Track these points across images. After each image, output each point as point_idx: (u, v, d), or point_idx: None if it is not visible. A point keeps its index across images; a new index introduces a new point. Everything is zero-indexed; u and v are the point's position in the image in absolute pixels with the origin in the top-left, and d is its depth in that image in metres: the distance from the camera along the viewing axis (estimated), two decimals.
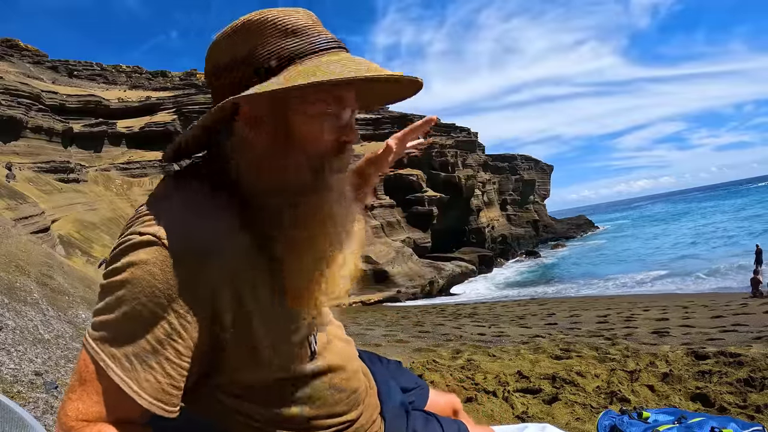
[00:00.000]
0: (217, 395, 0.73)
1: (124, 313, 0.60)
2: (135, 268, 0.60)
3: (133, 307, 0.59)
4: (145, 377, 0.60)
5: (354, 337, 1.01)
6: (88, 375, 0.60)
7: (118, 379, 0.59)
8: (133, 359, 0.60)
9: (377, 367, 1.05)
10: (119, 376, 0.59)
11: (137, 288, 0.59)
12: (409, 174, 39.62)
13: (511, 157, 62.02)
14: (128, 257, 0.61)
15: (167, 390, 0.61)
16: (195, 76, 50.81)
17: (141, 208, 0.67)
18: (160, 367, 0.61)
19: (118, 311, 0.60)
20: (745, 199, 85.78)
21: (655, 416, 1.72)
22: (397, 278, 27.38)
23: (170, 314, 0.61)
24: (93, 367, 0.60)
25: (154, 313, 0.60)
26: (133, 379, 0.59)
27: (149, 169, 29.96)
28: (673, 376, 3.15)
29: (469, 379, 3.59)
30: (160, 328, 0.60)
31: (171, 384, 0.62)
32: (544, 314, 9.91)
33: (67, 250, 15.18)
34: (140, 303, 0.59)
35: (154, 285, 0.60)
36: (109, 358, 0.59)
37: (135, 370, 0.60)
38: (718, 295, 13.63)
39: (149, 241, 0.61)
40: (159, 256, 0.60)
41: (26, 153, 24.38)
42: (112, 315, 0.60)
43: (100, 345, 0.60)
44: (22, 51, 43.82)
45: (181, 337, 0.62)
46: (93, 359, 0.60)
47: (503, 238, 47.05)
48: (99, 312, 0.61)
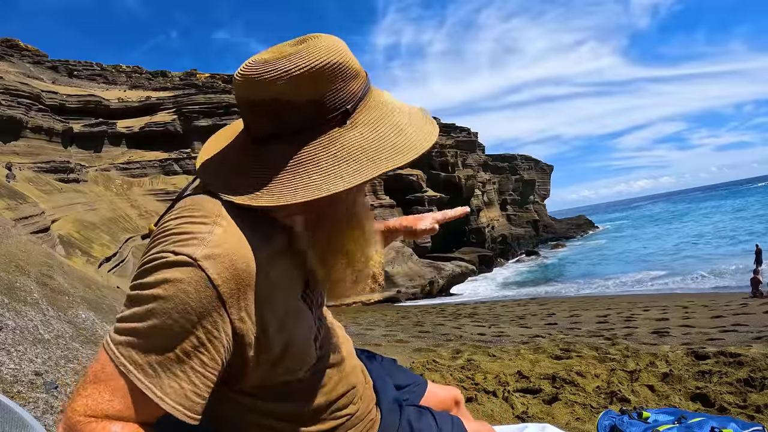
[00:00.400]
0: (229, 394, 0.75)
1: (152, 325, 0.60)
2: (169, 285, 0.60)
3: (163, 321, 0.60)
4: (168, 384, 0.60)
5: (354, 337, 1.03)
6: (103, 376, 0.60)
7: (141, 384, 0.59)
8: (156, 367, 0.60)
9: (372, 364, 1.10)
10: (142, 381, 0.59)
11: (169, 304, 0.60)
12: (409, 174, 39.61)
13: (511, 157, 62.01)
14: (162, 274, 0.61)
15: (190, 397, 0.62)
16: (195, 76, 50.80)
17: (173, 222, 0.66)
18: (185, 375, 0.61)
19: (147, 322, 0.60)
20: (746, 199, 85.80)
21: (655, 416, 1.72)
22: (397, 278, 27.37)
23: (199, 330, 0.62)
24: (111, 369, 0.60)
25: (183, 328, 0.61)
26: (156, 385, 0.60)
27: (149, 169, 29.95)
28: (673, 376, 3.15)
29: (469, 379, 3.59)
30: (188, 342, 0.61)
31: (195, 392, 0.62)
32: (544, 314, 9.91)
33: (67, 250, 15.19)
34: (171, 318, 0.60)
35: (187, 303, 0.60)
36: (131, 363, 0.59)
37: (158, 377, 0.60)
38: (718, 295, 13.63)
39: (186, 262, 0.61)
40: (194, 278, 0.61)
41: (26, 153, 24.37)
42: (140, 324, 0.60)
43: (122, 350, 0.60)
44: (22, 51, 43.80)
45: (208, 351, 0.63)
46: (113, 362, 0.60)
47: (503, 238, 47.04)
48: (125, 320, 0.61)
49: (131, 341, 0.60)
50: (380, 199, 36.78)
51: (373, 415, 0.94)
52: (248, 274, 0.65)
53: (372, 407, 0.94)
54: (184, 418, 0.61)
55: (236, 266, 0.64)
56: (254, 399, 0.76)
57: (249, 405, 0.77)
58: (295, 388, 0.78)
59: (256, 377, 0.73)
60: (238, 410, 0.77)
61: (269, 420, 0.78)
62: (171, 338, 0.60)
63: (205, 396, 0.64)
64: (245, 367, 0.70)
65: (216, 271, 0.62)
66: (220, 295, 0.62)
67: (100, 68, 48.50)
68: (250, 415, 0.77)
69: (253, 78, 0.67)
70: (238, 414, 0.78)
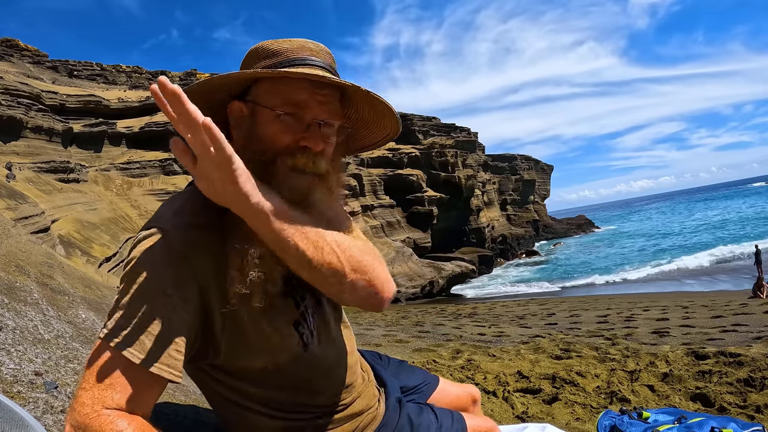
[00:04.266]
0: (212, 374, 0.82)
1: (132, 296, 0.67)
2: (142, 254, 0.69)
3: (139, 288, 0.67)
4: (151, 348, 0.66)
5: (354, 337, 1.03)
6: (98, 359, 0.64)
7: (127, 353, 0.64)
8: (139, 334, 0.66)
9: (379, 365, 1.13)
10: (128, 350, 0.64)
11: (142, 268, 0.68)
12: (409, 174, 39.60)
13: (511, 157, 61.99)
14: (138, 247, 0.71)
15: (173, 355, 0.68)
16: (195, 76, 50.76)
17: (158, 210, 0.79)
18: (164, 336, 0.67)
19: (127, 295, 0.67)
20: (746, 198, 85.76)
21: (655, 416, 1.72)
22: (397, 278, 27.36)
23: (170, 291, 0.69)
24: (102, 349, 0.65)
25: (157, 289, 0.68)
26: (141, 350, 0.65)
27: (149, 169, 29.93)
28: (673, 376, 3.15)
29: (469, 379, 3.59)
30: (163, 304, 0.68)
31: (175, 350, 0.68)
32: (544, 314, 9.90)
33: (67, 250, 15.18)
34: (145, 280, 0.67)
35: (157, 265, 0.69)
36: (117, 336, 0.65)
37: (141, 343, 0.65)
38: (718, 295, 13.63)
39: (153, 232, 0.71)
40: (163, 243, 0.70)
41: (26, 153, 24.35)
42: (122, 299, 0.68)
43: (108, 325, 0.67)
44: (22, 51, 43.78)
45: (183, 309, 0.70)
46: (102, 340, 0.66)
47: (503, 238, 47.04)
48: (114, 301, 0.69)
49: (115, 316, 0.66)
50: (380, 199, 36.77)
51: (374, 411, 0.95)
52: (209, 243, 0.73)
53: (373, 404, 0.96)
54: (169, 376, 0.66)
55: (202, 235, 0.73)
56: (240, 382, 0.81)
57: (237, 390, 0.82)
58: (283, 374, 0.82)
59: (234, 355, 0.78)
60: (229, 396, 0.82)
61: (257, 405, 0.83)
62: (147, 304, 0.67)
63: (183, 351, 0.69)
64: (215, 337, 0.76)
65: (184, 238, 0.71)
66: (186, 257, 0.71)
67: (100, 68, 48.49)
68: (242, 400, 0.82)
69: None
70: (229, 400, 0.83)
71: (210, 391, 0.85)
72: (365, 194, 36.21)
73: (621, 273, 26.96)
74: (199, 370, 0.83)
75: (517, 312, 11.03)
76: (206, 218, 0.75)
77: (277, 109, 0.77)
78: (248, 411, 0.83)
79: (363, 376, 0.98)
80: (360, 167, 37.82)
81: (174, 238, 0.71)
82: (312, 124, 0.79)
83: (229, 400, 0.83)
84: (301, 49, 0.83)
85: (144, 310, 0.66)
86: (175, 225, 0.73)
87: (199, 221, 0.74)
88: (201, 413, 1.08)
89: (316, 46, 0.85)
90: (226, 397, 0.83)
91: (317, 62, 0.82)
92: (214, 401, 0.86)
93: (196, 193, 0.74)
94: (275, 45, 0.83)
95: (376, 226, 33.85)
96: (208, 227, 0.74)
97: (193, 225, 0.74)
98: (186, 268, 0.70)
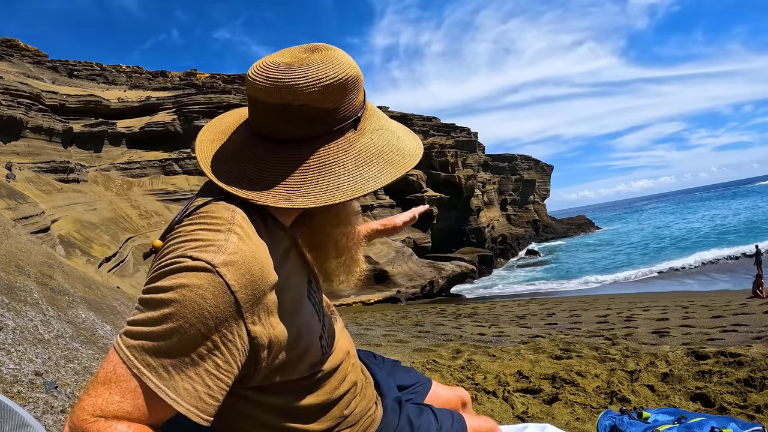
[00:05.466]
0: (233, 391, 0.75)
1: (168, 329, 0.60)
2: (186, 290, 0.61)
3: (179, 325, 0.60)
4: (182, 386, 0.61)
5: (354, 337, 1.03)
6: (114, 378, 0.60)
7: (155, 387, 0.59)
8: (171, 369, 0.61)
9: (375, 365, 1.13)
10: (155, 383, 0.60)
11: (186, 309, 0.60)
12: (409, 174, 39.53)
13: (511, 157, 61.98)
14: (179, 279, 0.62)
15: (204, 399, 0.62)
16: (195, 76, 50.77)
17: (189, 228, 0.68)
18: (199, 378, 0.62)
19: (162, 326, 0.60)
20: (746, 198, 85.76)
21: (655, 416, 1.72)
22: (397, 278, 27.34)
23: (215, 335, 0.62)
24: (122, 371, 0.60)
25: (199, 333, 0.61)
26: (170, 387, 0.60)
27: (149, 169, 29.91)
28: (673, 376, 3.15)
29: (469, 379, 3.59)
30: (204, 346, 0.62)
31: (208, 394, 0.63)
32: (544, 314, 9.90)
33: (67, 250, 15.17)
34: (187, 322, 0.60)
35: (204, 308, 0.61)
36: (145, 366, 0.60)
37: (172, 379, 0.60)
38: (718, 295, 13.63)
39: (204, 268, 0.62)
40: (213, 283, 0.62)
41: (26, 153, 24.35)
42: (155, 328, 0.61)
43: (135, 353, 0.60)
44: (22, 51, 43.80)
45: (223, 354, 0.63)
46: (125, 365, 0.60)
47: (503, 238, 47.04)
48: (138, 323, 0.62)
49: (145, 344, 0.60)
50: (380, 199, 36.77)
51: (373, 413, 0.95)
52: (263, 280, 0.67)
53: (372, 405, 0.96)
54: (197, 419, 0.62)
55: (252, 272, 0.65)
56: (258, 395, 0.77)
57: (254, 401, 0.78)
58: (300, 385, 0.80)
59: (264, 376, 0.74)
60: (242, 407, 0.78)
61: (270, 415, 0.79)
62: (186, 342, 0.61)
63: (219, 398, 0.64)
64: (257, 368, 0.71)
65: (234, 278, 0.63)
66: (237, 301, 0.63)
67: (100, 68, 48.50)
68: (254, 410, 0.78)
69: (284, 83, 0.69)
70: (241, 411, 0.79)
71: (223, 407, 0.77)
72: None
73: (621, 273, 26.96)
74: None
75: (517, 312, 11.03)
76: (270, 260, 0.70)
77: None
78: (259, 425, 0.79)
79: (363, 377, 0.99)
80: None
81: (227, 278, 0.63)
82: None
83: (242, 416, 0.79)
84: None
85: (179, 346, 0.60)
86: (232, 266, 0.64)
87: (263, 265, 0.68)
88: None
89: None
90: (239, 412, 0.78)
91: None
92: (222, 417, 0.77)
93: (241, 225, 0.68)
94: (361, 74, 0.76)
95: None
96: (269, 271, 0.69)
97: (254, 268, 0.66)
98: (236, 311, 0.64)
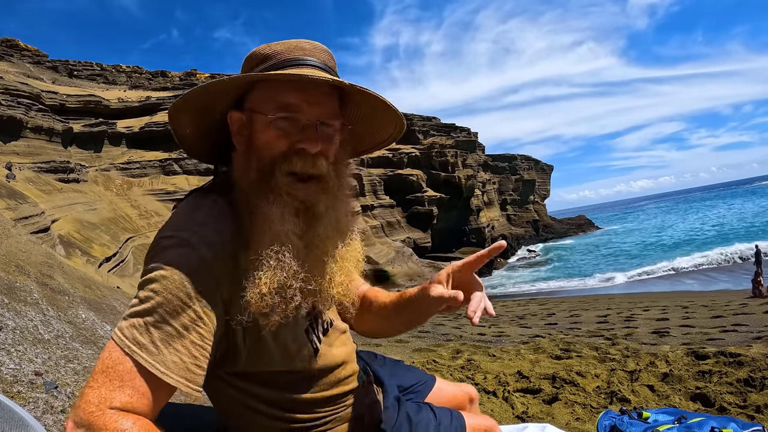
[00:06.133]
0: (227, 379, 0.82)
1: (153, 305, 0.66)
2: (167, 265, 0.68)
3: (164, 298, 0.66)
4: (171, 359, 0.65)
5: (354, 336, 1.04)
6: (110, 362, 0.64)
7: (145, 362, 0.64)
8: (159, 344, 0.65)
9: (376, 365, 1.14)
10: (146, 359, 0.64)
11: (168, 282, 0.67)
12: (409, 174, 39.62)
13: (511, 157, 62.00)
14: (161, 256, 0.69)
15: (192, 369, 0.67)
16: (195, 76, 50.77)
17: (172, 214, 0.78)
18: (185, 349, 0.67)
19: (148, 303, 0.66)
20: (746, 198, 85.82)
21: (655, 416, 1.72)
22: (397, 278, 27.36)
23: (195, 304, 0.68)
24: (117, 354, 0.64)
25: (182, 302, 0.67)
26: (160, 361, 0.65)
27: (149, 169, 29.93)
28: (673, 376, 3.15)
29: (469, 379, 3.59)
30: (186, 316, 0.67)
31: (195, 364, 0.68)
32: (544, 314, 9.90)
33: (67, 250, 15.18)
34: (170, 293, 0.66)
35: (182, 278, 0.67)
36: (135, 344, 0.64)
37: (161, 354, 0.65)
38: (718, 294, 13.62)
39: (181, 244, 0.70)
40: (190, 256, 0.69)
41: (26, 153, 24.35)
42: (144, 306, 0.67)
43: (126, 332, 0.65)
44: (22, 51, 43.82)
45: (204, 323, 0.69)
46: (118, 346, 0.65)
47: (503, 238, 47.07)
48: (132, 306, 0.68)
49: (134, 323, 0.66)
50: (380, 199, 36.79)
51: (375, 415, 0.96)
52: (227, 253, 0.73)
53: (372, 406, 0.97)
54: (187, 389, 0.66)
55: (227, 248, 0.72)
56: (254, 385, 0.82)
57: (247, 391, 0.82)
58: (294, 378, 0.84)
59: (247, 362, 0.79)
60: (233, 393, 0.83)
61: (266, 407, 0.83)
62: (170, 313, 0.66)
63: (204, 367, 0.69)
64: (237, 347, 0.77)
65: (209, 250, 0.70)
66: (210, 269, 0.70)
67: (100, 68, 48.54)
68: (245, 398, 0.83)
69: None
70: (236, 400, 0.83)
71: (218, 394, 0.85)
72: (365, 194, 36.24)
73: (621, 273, 26.95)
74: (215, 377, 0.82)
75: (517, 312, 11.03)
76: (230, 232, 0.74)
77: (270, 114, 0.76)
78: (258, 413, 0.83)
79: (363, 377, 1.00)
80: (360, 167, 37.83)
81: (199, 250, 0.70)
82: (308, 125, 0.77)
83: (239, 403, 0.83)
84: (294, 49, 0.81)
85: (165, 319, 0.66)
86: (200, 237, 0.71)
87: (224, 235, 0.73)
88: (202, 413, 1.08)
89: (311, 45, 0.83)
90: (236, 400, 0.83)
91: (311, 62, 0.80)
92: (221, 403, 0.86)
93: (217, 207, 0.76)
94: (267, 49, 0.81)
95: (376, 226, 33.85)
96: (231, 241, 0.74)
97: (218, 238, 0.73)
98: (210, 279, 0.70)
